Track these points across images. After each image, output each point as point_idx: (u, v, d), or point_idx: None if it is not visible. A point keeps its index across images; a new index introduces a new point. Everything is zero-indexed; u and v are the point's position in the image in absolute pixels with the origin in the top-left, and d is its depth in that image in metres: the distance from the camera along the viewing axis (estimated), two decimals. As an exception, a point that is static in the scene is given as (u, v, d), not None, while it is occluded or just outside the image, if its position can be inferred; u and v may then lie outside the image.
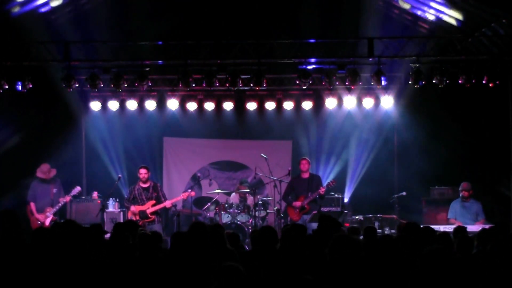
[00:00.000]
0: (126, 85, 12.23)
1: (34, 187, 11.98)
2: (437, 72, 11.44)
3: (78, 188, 12.16)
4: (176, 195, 13.37)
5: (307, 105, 13.76)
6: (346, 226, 11.75)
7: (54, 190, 11.97)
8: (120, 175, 12.63)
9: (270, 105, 13.76)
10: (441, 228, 9.75)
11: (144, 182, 11.71)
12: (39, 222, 11.69)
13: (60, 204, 11.89)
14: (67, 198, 12.02)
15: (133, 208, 11.55)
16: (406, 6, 12.09)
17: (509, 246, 5.42)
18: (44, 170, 11.99)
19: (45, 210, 11.80)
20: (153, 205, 11.62)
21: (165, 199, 11.81)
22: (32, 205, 11.87)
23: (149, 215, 11.55)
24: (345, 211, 12.77)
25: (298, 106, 13.85)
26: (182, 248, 5.53)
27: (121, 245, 5.87)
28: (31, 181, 12.15)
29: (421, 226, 7.10)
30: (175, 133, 14.75)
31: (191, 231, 5.85)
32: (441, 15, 11.74)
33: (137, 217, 11.42)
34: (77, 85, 11.90)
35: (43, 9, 11.74)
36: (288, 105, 13.79)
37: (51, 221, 11.63)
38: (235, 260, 5.15)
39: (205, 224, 6.27)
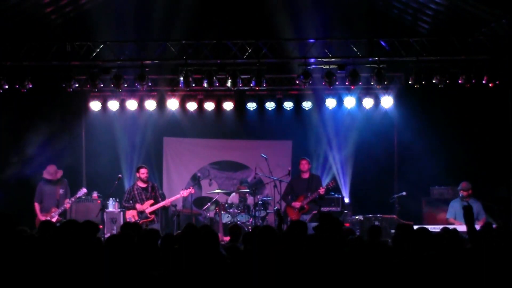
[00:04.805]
0: (126, 85, 12.24)
1: (41, 188, 11.87)
2: (437, 72, 11.45)
3: (83, 190, 12.01)
4: (177, 195, 13.38)
5: (307, 105, 13.76)
6: (346, 226, 11.78)
7: (61, 191, 11.84)
8: (120, 175, 12.61)
9: (270, 105, 13.77)
10: (441, 228, 9.70)
11: (144, 182, 11.72)
12: None
13: (66, 205, 11.72)
14: (72, 200, 11.85)
15: (139, 206, 11.54)
16: None
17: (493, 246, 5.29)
18: (51, 172, 11.86)
19: (50, 210, 11.65)
20: (151, 205, 11.62)
21: (162, 200, 11.83)
22: (36, 206, 11.74)
23: (148, 215, 11.55)
24: (345, 211, 12.78)
25: (298, 106, 13.85)
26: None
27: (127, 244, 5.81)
28: (38, 182, 12.05)
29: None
30: (175, 133, 14.73)
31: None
32: None
33: (136, 218, 11.42)
34: (77, 85, 11.92)
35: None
36: (288, 105, 13.80)
37: (56, 221, 11.56)
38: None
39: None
